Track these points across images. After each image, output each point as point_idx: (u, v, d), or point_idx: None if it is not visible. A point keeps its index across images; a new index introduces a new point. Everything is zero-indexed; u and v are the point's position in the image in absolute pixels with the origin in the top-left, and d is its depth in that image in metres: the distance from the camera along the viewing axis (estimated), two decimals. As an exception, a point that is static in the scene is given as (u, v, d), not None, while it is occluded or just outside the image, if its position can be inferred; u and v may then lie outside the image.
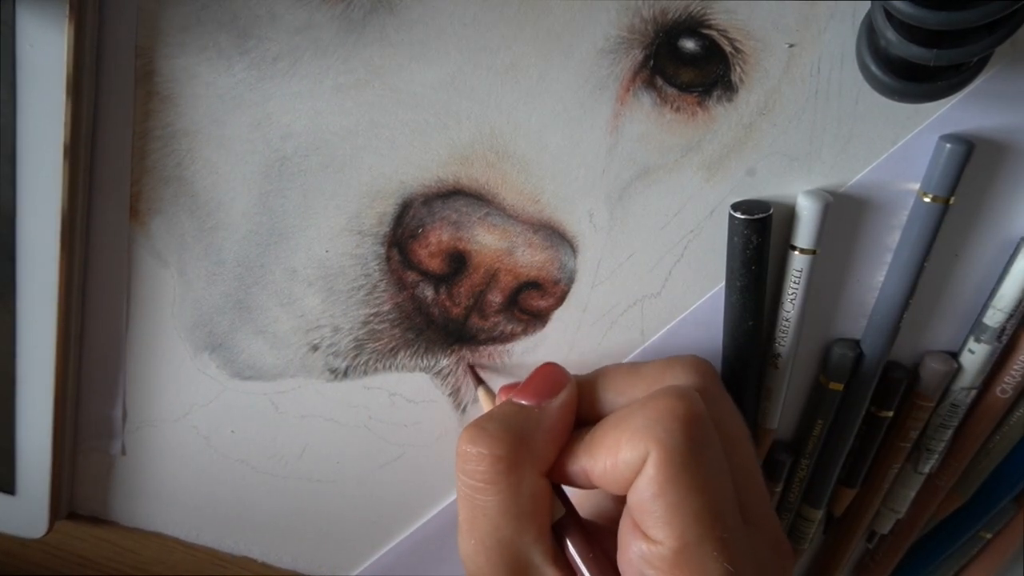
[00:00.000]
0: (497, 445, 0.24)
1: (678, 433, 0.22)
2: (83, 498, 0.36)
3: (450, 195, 0.28)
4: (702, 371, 0.25)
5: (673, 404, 0.22)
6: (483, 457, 0.24)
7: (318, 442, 0.33)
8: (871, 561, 0.36)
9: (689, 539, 0.21)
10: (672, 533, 0.21)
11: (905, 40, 0.22)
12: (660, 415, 0.22)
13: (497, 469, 0.23)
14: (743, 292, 0.27)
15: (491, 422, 0.24)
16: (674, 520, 0.21)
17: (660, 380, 0.25)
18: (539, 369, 0.26)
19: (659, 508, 0.21)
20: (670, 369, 0.25)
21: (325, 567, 0.36)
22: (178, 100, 0.28)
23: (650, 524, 0.22)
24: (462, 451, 0.24)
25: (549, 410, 0.25)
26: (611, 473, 0.23)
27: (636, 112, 0.27)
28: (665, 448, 0.22)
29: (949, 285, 0.28)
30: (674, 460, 0.22)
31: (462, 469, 0.24)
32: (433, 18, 0.26)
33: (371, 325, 0.30)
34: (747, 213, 0.26)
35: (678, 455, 0.22)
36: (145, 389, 0.33)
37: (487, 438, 0.24)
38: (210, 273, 0.31)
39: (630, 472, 0.22)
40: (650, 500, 0.22)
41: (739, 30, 0.25)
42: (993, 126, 0.25)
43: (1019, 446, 0.31)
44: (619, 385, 0.26)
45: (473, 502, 0.24)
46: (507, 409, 0.25)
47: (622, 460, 0.22)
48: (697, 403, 0.23)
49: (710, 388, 0.25)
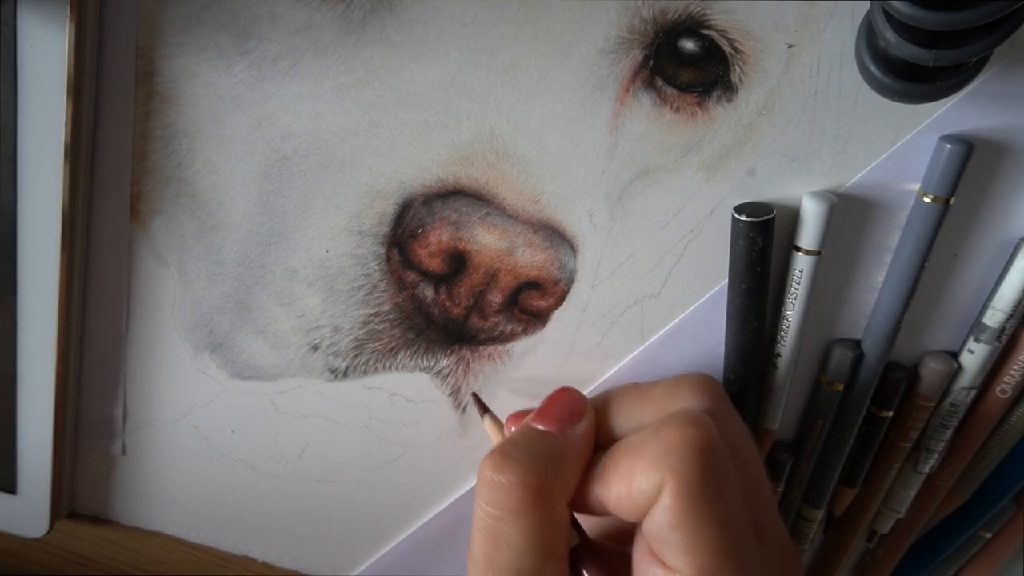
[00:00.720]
0: (528, 475, 0.23)
1: (693, 463, 0.21)
2: (84, 498, 0.36)
3: (450, 195, 0.28)
4: (710, 391, 0.25)
5: (687, 432, 0.22)
6: (513, 487, 0.23)
7: (318, 442, 0.33)
8: (871, 560, 0.36)
9: (707, 568, 0.21)
10: (691, 562, 0.21)
11: (904, 40, 0.22)
12: (674, 444, 0.22)
13: (527, 499, 0.23)
14: (747, 295, 0.27)
15: (516, 449, 0.24)
16: (692, 550, 0.21)
17: (668, 402, 0.25)
18: (555, 394, 0.26)
19: (677, 538, 0.21)
20: (678, 390, 0.25)
21: (325, 567, 0.36)
22: (178, 100, 0.28)
23: (667, 553, 0.22)
24: (488, 480, 0.23)
25: (573, 438, 0.24)
26: (625, 502, 0.22)
27: (636, 112, 0.27)
28: (681, 478, 0.21)
29: (949, 285, 0.28)
30: (691, 491, 0.21)
31: (487, 499, 0.23)
32: (433, 18, 0.26)
33: (371, 325, 0.30)
34: (752, 215, 0.26)
35: (695, 485, 0.21)
36: (145, 389, 0.33)
37: (516, 467, 0.23)
38: (210, 273, 0.31)
39: (645, 501, 0.22)
40: (668, 530, 0.21)
41: (739, 30, 0.25)
42: (992, 126, 0.25)
43: (1019, 446, 0.31)
44: (627, 409, 0.25)
45: (496, 532, 0.23)
46: (531, 435, 0.24)
47: (636, 489, 0.22)
48: (711, 429, 0.22)
49: (720, 409, 0.24)
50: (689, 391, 0.25)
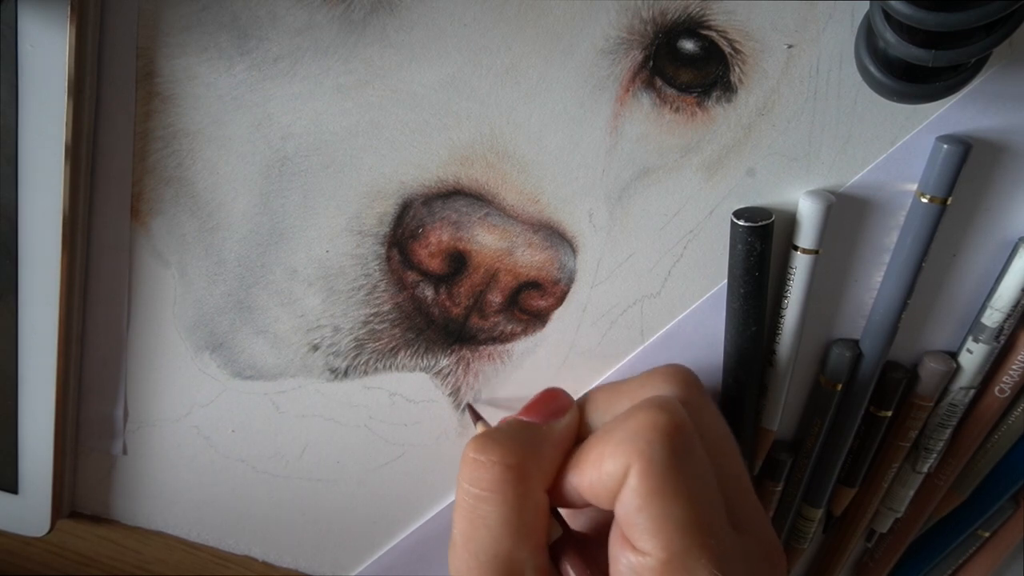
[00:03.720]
0: (508, 454, 0.24)
1: (658, 444, 0.22)
2: (85, 497, 0.36)
3: (450, 195, 0.28)
4: (683, 380, 0.25)
5: (653, 416, 0.22)
6: (493, 465, 0.23)
7: (318, 442, 0.33)
8: (870, 560, 0.36)
9: (676, 549, 0.21)
10: (659, 544, 0.21)
11: (903, 41, 0.22)
12: (640, 427, 0.22)
13: (505, 478, 0.23)
14: (746, 299, 0.27)
15: (499, 433, 0.24)
16: (660, 531, 0.21)
17: (640, 394, 0.25)
18: (543, 392, 0.27)
19: (644, 519, 0.21)
20: (650, 381, 0.25)
21: (325, 567, 0.36)
22: (179, 100, 0.28)
23: (637, 536, 0.22)
24: (469, 459, 0.24)
25: (556, 427, 0.25)
26: (597, 486, 0.23)
27: (636, 113, 0.27)
28: (646, 459, 0.22)
29: (947, 285, 0.28)
30: (656, 471, 0.22)
31: (468, 478, 0.24)
32: (433, 19, 0.26)
33: (371, 325, 0.30)
34: (750, 220, 0.26)
35: (660, 466, 0.22)
36: (146, 389, 0.33)
37: (497, 447, 0.24)
38: (211, 273, 0.31)
39: (614, 484, 0.22)
40: (635, 511, 0.22)
41: (738, 31, 0.25)
42: (991, 127, 0.25)
43: (1017, 445, 0.31)
44: (602, 404, 0.26)
45: (474, 512, 0.23)
46: (514, 423, 0.25)
47: (606, 473, 0.22)
48: (678, 413, 0.23)
49: (692, 397, 0.25)
50: (662, 381, 0.25)
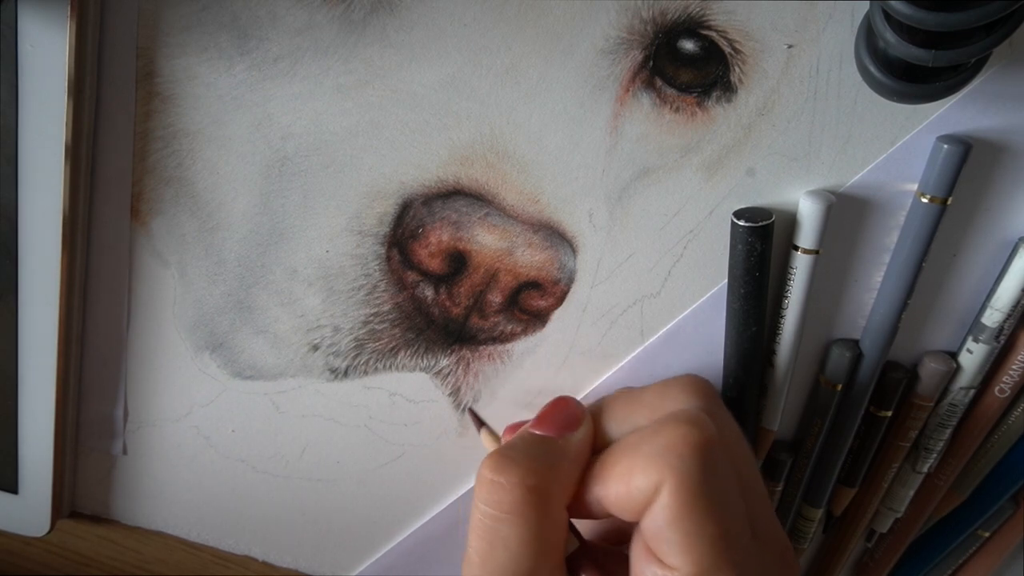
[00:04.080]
0: (527, 475, 0.23)
1: (692, 461, 0.22)
2: (85, 497, 0.36)
3: (450, 195, 0.28)
4: (702, 391, 0.25)
5: (686, 431, 0.22)
6: (513, 488, 0.23)
7: (318, 442, 0.33)
8: (870, 560, 0.36)
9: (706, 565, 0.21)
10: (689, 560, 0.21)
11: (904, 41, 0.22)
12: (673, 442, 0.22)
13: (526, 500, 0.23)
14: (746, 299, 0.27)
15: (516, 451, 0.24)
16: (691, 547, 0.21)
17: (660, 403, 0.25)
18: (554, 402, 0.26)
19: (675, 535, 0.21)
20: (669, 391, 0.25)
21: (325, 567, 0.36)
22: (179, 100, 0.28)
23: (666, 551, 0.22)
24: (487, 480, 0.23)
25: (572, 441, 0.25)
26: (624, 500, 0.23)
27: (636, 113, 0.27)
28: (680, 476, 0.21)
29: (947, 285, 0.28)
30: (690, 488, 0.21)
31: (486, 500, 0.23)
32: (433, 19, 0.26)
33: (371, 325, 0.30)
34: (751, 220, 0.26)
35: (693, 483, 0.21)
36: (146, 389, 0.33)
37: (515, 467, 0.23)
38: (211, 273, 0.31)
39: (643, 499, 0.22)
40: (666, 528, 0.21)
41: (738, 31, 0.25)
42: (991, 127, 0.25)
43: (1017, 445, 0.31)
44: (620, 414, 0.26)
45: (494, 534, 0.23)
46: (530, 439, 0.25)
47: (635, 488, 0.22)
48: (708, 427, 0.23)
49: (713, 408, 0.25)
50: (681, 391, 0.25)
